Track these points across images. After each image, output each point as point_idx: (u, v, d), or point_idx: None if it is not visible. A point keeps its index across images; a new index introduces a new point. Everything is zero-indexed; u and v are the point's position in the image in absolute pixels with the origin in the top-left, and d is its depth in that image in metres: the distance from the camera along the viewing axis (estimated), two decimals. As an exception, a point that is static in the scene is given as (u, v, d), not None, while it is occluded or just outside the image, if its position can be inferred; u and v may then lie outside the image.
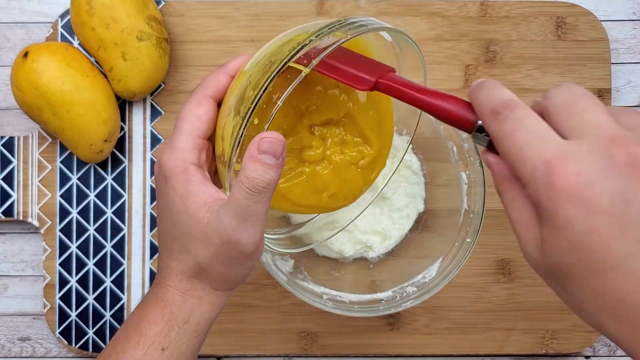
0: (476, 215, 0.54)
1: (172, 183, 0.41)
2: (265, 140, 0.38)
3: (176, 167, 0.41)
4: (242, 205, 0.38)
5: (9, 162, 0.60)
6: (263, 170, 0.38)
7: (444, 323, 0.60)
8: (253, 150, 0.38)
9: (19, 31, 0.62)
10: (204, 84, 0.43)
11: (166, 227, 0.42)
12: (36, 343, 0.62)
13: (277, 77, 0.38)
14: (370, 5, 0.61)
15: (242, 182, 0.38)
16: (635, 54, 0.62)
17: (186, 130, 0.41)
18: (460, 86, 0.61)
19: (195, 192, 0.40)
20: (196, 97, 0.42)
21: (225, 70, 0.43)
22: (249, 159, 0.38)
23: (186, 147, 0.41)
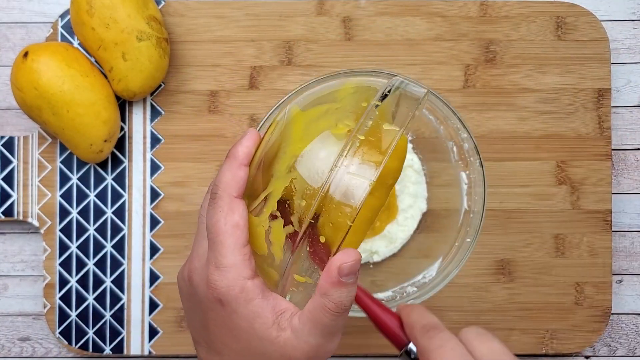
0: (476, 215, 0.54)
1: (231, 306, 0.39)
2: (346, 266, 0.37)
3: (233, 289, 0.38)
4: (330, 326, 0.38)
5: (9, 162, 0.60)
6: (348, 291, 0.38)
7: (444, 323, 0.60)
8: (334, 276, 0.37)
9: (19, 31, 0.62)
10: (226, 186, 0.39)
11: (229, 347, 0.40)
12: (36, 343, 0.62)
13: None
14: (370, 5, 0.61)
15: (329, 308, 0.38)
16: (635, 54, 0.62)
17: (229, 244, 0.38)
18: (460, 86, 0.61)
19: (260, 312, 0.38)
20: (224, 202, 0.39)
21: (239, 162, 0.40)
22: (332, 286, 0.37)
23: (236, 262, 0.38)
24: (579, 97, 0.61)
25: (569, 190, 0.61)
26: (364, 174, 0.36)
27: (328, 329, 0.38)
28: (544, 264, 0.60)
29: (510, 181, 0.61)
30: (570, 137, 0.61)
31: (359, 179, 0.36)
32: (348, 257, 0.37)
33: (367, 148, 0.37)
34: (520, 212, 0.61)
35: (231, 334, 0.39)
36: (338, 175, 0.36)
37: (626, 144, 0.62)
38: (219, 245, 0.39)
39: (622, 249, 0.62)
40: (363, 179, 0.36)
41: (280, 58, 0.61)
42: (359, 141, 0.37)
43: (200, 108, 0.61)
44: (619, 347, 0.62)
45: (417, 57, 0.61)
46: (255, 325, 0.38)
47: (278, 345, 0.38)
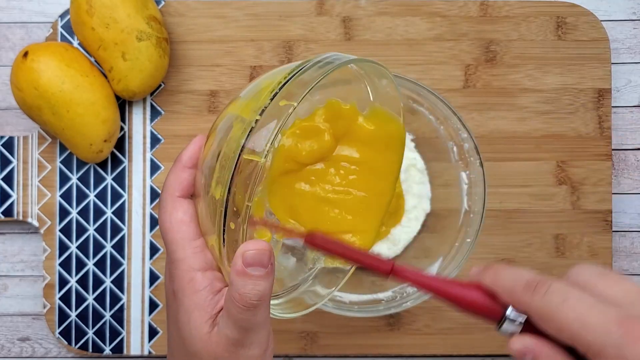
0: (476, 215, 0.54)
1: (179, 296, 0.39)
2: (249, 254, 0.36)
3: (183, 279, 0.38)
4: (241, 319, 0.36)
5: (8, 162, 0.60)
6: (253, 284, 0.36)
7: (444, 323, 0.60)
8: (239, 264, 0.36)
9: (19, 31, 0.62)
10: (169, 187, 0.41)
11: (176, 345, 0.40)
12: (36, 343, 0.62)
13: (237, 175, 0.35)
14: (370, 5, 0.61)
15: (234, 298, 0.36)
16: (635, 54, 0.62)
17: (177, 240, 0.39)
18: (461, 86, 0.61)
19: (201, 304, 0.38)
20: (167, 202, 0.40)
21: (183, 164, 0.41)
22: (235, 275, 0.36)
23: (185, 255, 0.39)
24: (579, 97, 0.61)
25: (569, 190, 0.60)
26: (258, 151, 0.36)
27: (240, 323, 0.37)
28: (545, 264, 0.60)
29: (510, 181, 0.61)
30: (571, 137, 0.61)
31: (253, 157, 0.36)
32: (254, 244, 0.36)
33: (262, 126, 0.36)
34: (520, 212, 0.60)
35: (176, 329, 0.39)
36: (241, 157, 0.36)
37: (626, 144, 0.62)
38: (169, 243, 0.39)
39: (622, 249, 0.62)
40: (255, 157, 0.35)
41: (280, 58, 0.61)
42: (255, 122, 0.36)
43: (200, 108, 0.61)
44: (619, 348, 0.62)
45: (417, 57, 0.61)
46: (191, 318, 0.38)
47: (206, 342, 0.37)
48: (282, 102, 0.37)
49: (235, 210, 0.36)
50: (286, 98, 0.37)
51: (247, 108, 0.38)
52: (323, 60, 0.39)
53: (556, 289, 0.33)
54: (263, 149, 0.35)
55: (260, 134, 0.36)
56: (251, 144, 0.36)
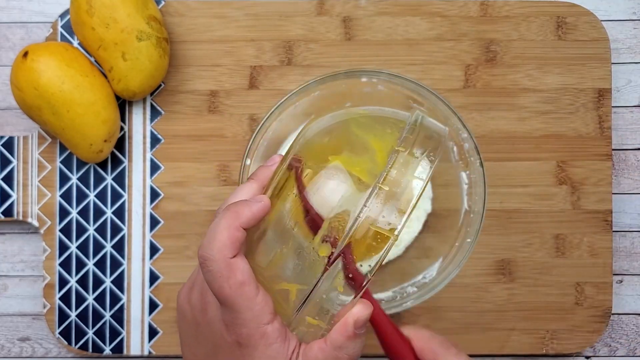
0: (476, 215, 0.54)
1: (249, 350, 0.38)
2: (362, 319, 0.38)
3: (254, 336, 0.38)
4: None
5: (8, 162, 0.60)
6: (361, 342, 0.39)
7: (444, 323, 0.60)
8: (351, 330, 0.38)
9: (19, 31, 0.62)
10: (222, 248, 0.38)
11: None
12: (36, 343, 0.62)
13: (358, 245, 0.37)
14: (370, 5, 0.61)
15: (340, 358, 0.38)
16: (635, 54, 0.62)
17: (242, 304, 0.38)
18: (461, 86, 0.61)
19: (277, 357, 0.38)
20: (222, 266, 0.38)
21: (239, 224, 0.39)
22: (347, 339, 0.38)
23: (253, 315, 0.38)
24: (579, 97, 0.61)
25: (570, 190, 0.60)
26: (387, 228, 0.36)
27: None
28: (544, 264, 0.60)
29: (510, 181, 0.61)
30: (571, 137, 0.61)
31: (384, 232, 0.36)
32: (365, 310, 0.38)
33: (390, 199, 0.37)
34: (520, 212, 0.60)
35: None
36: (362, 225, 0.36)
37: (627, 144, 0.62)
38: (231, 307, 0.38)
39: (622, 249, 0.62)
40: (387, 233, 0.36)
41: (280, 58, 0.61)
42: (383, 192, 0.37)
43: (200, 108, 0.61)
44: (620, 348, 0.62)
45: (417, 57, 0.61)
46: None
47: None
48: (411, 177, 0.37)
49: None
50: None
51: (357, 166, 0.38)
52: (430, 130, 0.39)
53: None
54: (397, 224, 0.36)
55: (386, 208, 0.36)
56: (379, 214, 0.36)
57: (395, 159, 0.37)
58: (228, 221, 0.38)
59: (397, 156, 0.38)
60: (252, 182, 0.42)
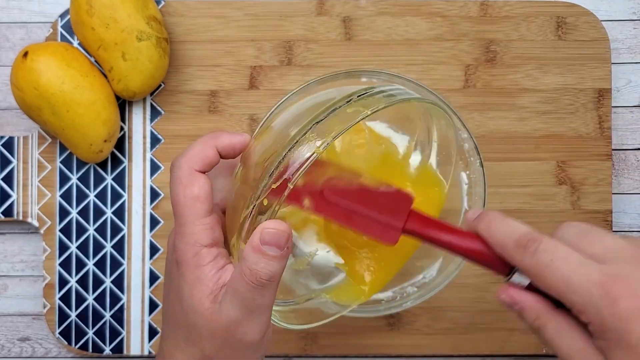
0: (476, 215, 0.54)
1: (182, 269, 0.39)
2: (268, 232, 0.36)
3: (187, 253, 0.38)
4: (246, 298, 0.37)
5: (8, 162, 0.60)
6: (266, 263, 0.36)
7: (444, 323, 0.60)
8: (255, 240, 0.36)
9: (19, 31, 0.62)
10: (190, 159, 0.40)
11: (173, 314, 0.40)
12: (36, 343, 0.62)
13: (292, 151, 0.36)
14: (370, 5, 0.61)
15: (244, 274, 0.36)
16: (635, 54, 0.62)
17: (189, 215, 0.39)
18: (461, 86, 0.61)
19: (204, 279, 0.38)
20: (184, 174, 0.39)
21: (215, 144, 0.40)
22: (250, 250, 0.36)
23: (194, 231, 0.38)
24: (579, 97, 0.61)
25: (570, 190, 0.60)
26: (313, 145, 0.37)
27: (245, 302, 0.37)
28: (544, 264, 0.60)
29: (510, 181, 0.61)
30: (571, 137, 0.61)
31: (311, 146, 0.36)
32: (273, 224, 0.36)
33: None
34: (520, 212, 0.60)
35: (176, 298, 0.39)
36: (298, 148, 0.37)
37: (627, 144, 0.62)
38: (178, 216, 0.39)
39: (622, 249, 0.62)
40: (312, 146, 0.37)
41: (280, 58, 0.61)
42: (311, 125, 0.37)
43: (200, 108, 0.61)
44: None
45: (417, 57, 0.61)
46: (193, 291, 0.38)
47: (206, 318, 0.38)
48: (350, 109, 0.38)
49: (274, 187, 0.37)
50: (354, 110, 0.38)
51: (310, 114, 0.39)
52: (388, 91, 0.40)
53: (544, 249, 0.35)
54: (326, 139, 0.36)
55: (325, 126, 0.37)
56: (316, 133, 0.37)
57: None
58: (205, 139, 0.40)
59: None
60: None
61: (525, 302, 0.36)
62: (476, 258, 0.39)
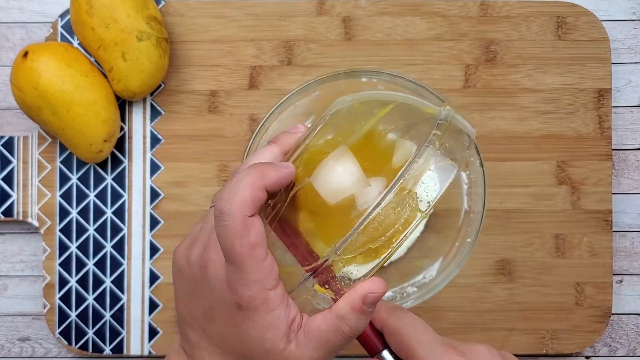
0: (476, 215, 0.54)
1: (248, 314, 0.38)
2: (373, 297, 0.37)
3: (255, 299, 0.37)
4: (336, 346, 0.39)
5: (8, 162, 0.60)
6: (366, 319, 0.38)
7: (444, 323, 0.60)
8: (358, 303, 0.37)
9: (19, 31, 0.62)
10: (242, 205, 0.36)
11: (231, 345, 0.40)
12: (36, 343, 0.62)
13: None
14: (370, 5, 0.61)
15: (343, 331, 0.38)
16: (635, 54, 0.62)
17: (250, 265, 0.37)
18: (461, 86, 0.61)
19: (277, 324, 0.38)
20: (238, 222, 0.36)
21: (263, 185, 0.37)
22: (352, 311, 0.37)
23: (258, 277, 0.37)
24: (579, 97, 0.61)
25: (570, 190, 0.60)
26: (411, 210, 0.36)
27: (334, 349, 0.39)
28: (544, 264, 0.60)
29: (510, 181, 0.61)
30: (571, 137, 0.61)
31: (405, 212, 0.36)
32: (377, 287, 0.37)
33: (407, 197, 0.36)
34: (520, 212, 0.60)
35: (238, 336, 0.39)
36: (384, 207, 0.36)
37: (627, 144, 0.62)
38: (239, 266, 0.37)
39: (622, 249, 0.62)
40: (415, 210, 0.36)
41: (280, 58, 0.61)
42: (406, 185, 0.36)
43: (200, 108, 0.61)
44: (620, 348, 0.62)
45: (417, 57, 0.61)
46: (267, 336, 0.38)
47: (281, 356, 0.38)
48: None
49: None
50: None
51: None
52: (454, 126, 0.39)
53: (408, 314, 0.42)
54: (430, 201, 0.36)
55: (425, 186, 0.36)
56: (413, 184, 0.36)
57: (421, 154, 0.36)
58: (252, 179, 0.37)
59: (425, 151, 0.36)
60: (274, 147, 0.41)
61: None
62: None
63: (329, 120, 0.40)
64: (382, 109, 0.41)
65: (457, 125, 0.39)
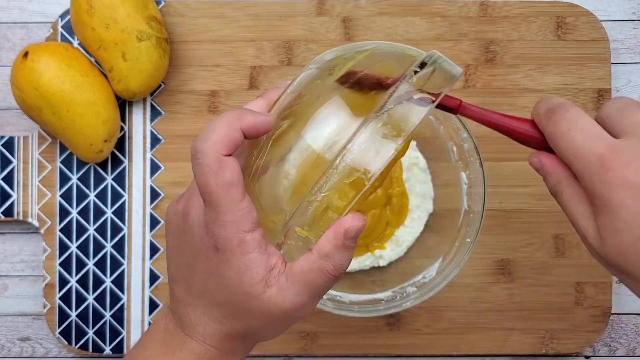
0: (476, 215, 0.54)
1: (225, 256, 0.38)
2: (354, 229, 0.36)
3: (231, 241, 0.37)
4: (321, 288, 0.38)
5: (9, 162, 0.60)
6: (348, 256, 0.37)
7: (444, 323, 0.60)
8: (339, 238, 0.37)
9: (19, 31, 0.62)
10: (216, 143, 0.37)
11: (205, 289, 0.40)
12: (36, 343, 0.62)
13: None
14: (371, 5, 0.61)
15: (327, 270, 0.37)
16: (635, 54, 0.62)
17: (225, 204, 0.37)
18: (461, 86, 0.61)
19: (252, 267, 0.37)
20: (213, 160, 0.37)
21: (240, 126, 0.37)
22: (335, 248, 0.37)
23: (234, 218, 0.37)
24: (579, 97, 0.61)
25: (569, 190, 0.60)
26: (389, 140, 0.35)
27: (317, 291, 0.38)
28: (544, 264, 0.60)
29: (510, 181, 0.61)
30: (571, 137, 0.61)
31: (387, 142, 0.35)
32: (357, 221, 0.36)
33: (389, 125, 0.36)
34: (520, 212, 0.60)
35: (217, 282, 0.39)
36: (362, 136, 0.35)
37: (626, 144, 0.62)
38: (214, 205, 0.37)
39: (622, 249, 0.62)
40: (390, 142, 0.35)
41: (280, 58, 0.61)
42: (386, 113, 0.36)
43: (200, 108, 0.61)
44: (619, 347, 0.62)
45: (417, 57, 0.61)
46: (243, 279, 0.38)
47: (261, 300, 0.38)
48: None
49: None
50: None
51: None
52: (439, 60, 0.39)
53: (567, 117, 0.37)
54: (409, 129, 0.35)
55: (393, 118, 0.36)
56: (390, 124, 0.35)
57: (395, 90, 0.36)
58: (229, 120, 0.37)
59: (398, 87, 0.36)
60: (260, 99, 0.42)
61: (551, 168, 0.38)
62: (519, 136, 0.41)
63: (310, 71, 0.41)
64: (363, 53, 0.41)
65: (441, 63, 0.39)
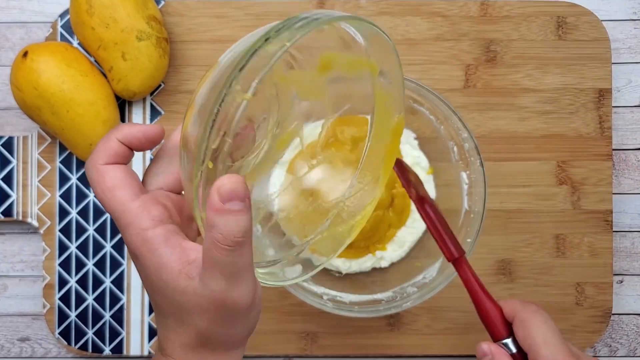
0: (477, 215, 0.54)
1: (140, 260, 0.38)
2: (224, 187, 0.34)
3: (135, 242, 0.37)
4: (227, 265, 0.35)
5: (8, 162, 0.60)
6: (235, 220, 0.34)
7: (444, 323, 0.60)
8: (215, 201, 0.34)
9: (19, 31, 0.62)
10: (92, 159, 0.39)
11: (156, 302, 0.40)
12: (35, 343, 0.62)
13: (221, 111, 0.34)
14: (371, 5, 0.61)
15: (217, 240, 0.34)
16: (636, 54, 0.62)
17: (116, 206, 0.38)
18: (461, 86, 0.61)
19: (165, 262, 0.37)
20: (92, 173, 0.39)
21: (115, 136, 0.39)
22: (214, 214, 0.34)
23: (131, 219, 0.37)
24: (579, 97, 0.61)
25: (570, 190, 0.60)
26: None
27: (226, 269, 0.35)
28: (545, 264, 0.60)
29: (510, 181, 0.61)
30: (571, 137, 0.61)
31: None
32: (228, 179, 0.34)
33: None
34: (520, 212, 0.60)
35: (152, 289, 0.39)
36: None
37: (627, 144, 0.62)
38: (112, 214, 0.38)
39: (622, 249, 0.62)
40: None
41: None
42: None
43: (200, 108, 0.61)
44: (620, 348, 0.62)
45: (418, 56, 0.61)
46: (162, 277, 0.37)
47: (188, 294, 0.37)
48: (271, 47, 0.37)
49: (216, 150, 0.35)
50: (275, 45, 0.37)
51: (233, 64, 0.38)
52: (310, 17, 0.39)
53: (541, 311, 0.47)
54: (251, 84, 0.35)
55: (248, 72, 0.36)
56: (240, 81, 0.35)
57: None
58: (107, 134, 0.40)
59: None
60: None
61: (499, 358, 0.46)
62: (485, 318, 0.48)
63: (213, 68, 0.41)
64: None
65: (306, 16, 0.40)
